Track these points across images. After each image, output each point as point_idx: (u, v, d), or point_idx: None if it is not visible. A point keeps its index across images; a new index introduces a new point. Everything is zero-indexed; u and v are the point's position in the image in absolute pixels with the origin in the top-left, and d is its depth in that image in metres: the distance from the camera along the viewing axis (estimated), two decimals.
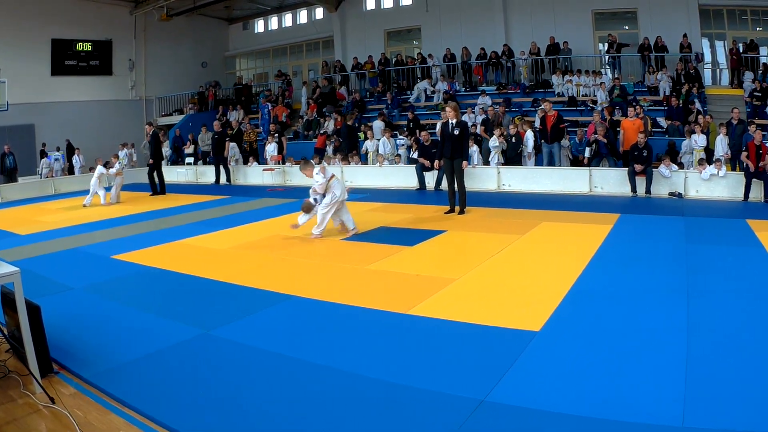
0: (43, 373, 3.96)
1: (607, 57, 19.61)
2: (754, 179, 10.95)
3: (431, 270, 6.58)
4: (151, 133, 16.03)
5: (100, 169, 14.30)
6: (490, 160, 14.50)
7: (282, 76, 25.14)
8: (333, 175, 8.59)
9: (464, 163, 10.08)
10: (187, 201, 13.89)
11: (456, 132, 9.89)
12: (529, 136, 14.11)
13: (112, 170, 14.63)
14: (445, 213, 10.20)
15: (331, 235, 8.71)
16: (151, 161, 15.79)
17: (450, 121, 10.00)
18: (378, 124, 17.79)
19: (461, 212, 10.08)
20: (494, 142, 14.33)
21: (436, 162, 10.52)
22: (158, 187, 15.70)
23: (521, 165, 14.13)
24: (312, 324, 4.98)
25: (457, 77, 21.27)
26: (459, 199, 10.15)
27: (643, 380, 3.61)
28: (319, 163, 17.25)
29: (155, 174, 15.68)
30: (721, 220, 9.25)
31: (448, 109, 10.22)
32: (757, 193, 11.01)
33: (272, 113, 22.14)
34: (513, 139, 14.16)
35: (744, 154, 11.10)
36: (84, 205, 13.62)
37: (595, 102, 16.71)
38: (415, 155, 14.73)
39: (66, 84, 22.41)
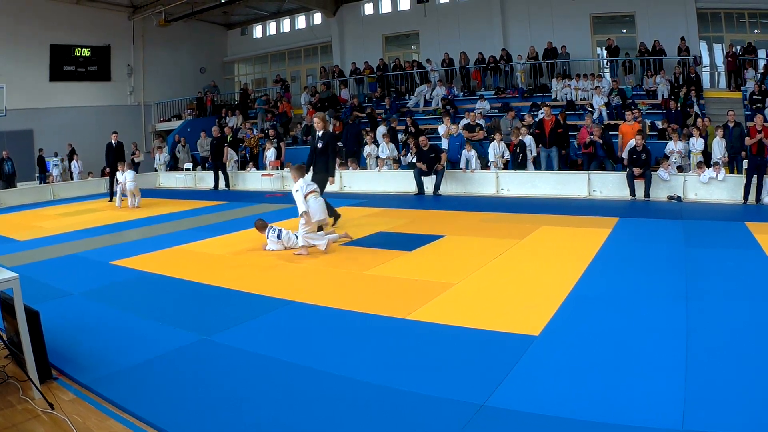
0: (42, 378, 3.95)
1: (605, 61, 19.67)
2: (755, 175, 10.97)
3: (430, 275, 6.57)
4: (108, 142, 16.14)
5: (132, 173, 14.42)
6: (489, 163, 14.52)
7: (280, 81, 25.16)
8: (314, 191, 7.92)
9: (330, 179, 9.27)
10: (186, 206, 13.88)
11: (320, 145, 9.24)
12: (528, 140, 14.11)
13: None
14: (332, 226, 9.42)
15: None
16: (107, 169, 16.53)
17: (317, 133, 9.35)
18: (381, 129, 17.79)
19: (334, 223, 9.42)
20: (495, 148, 14.33)
21: (330, 179, 9.39)
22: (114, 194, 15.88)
23: (525, 169, 14.14)
24: (311, 329, 4.97)
25: (455, 82, 21.29)
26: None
27: (643, 383, 3.61)
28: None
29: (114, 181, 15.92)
30: (719, 222, 9.26)
31: (316, 119, 9.44)
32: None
33: (279, 110, 22.44)
34: (518, 149, 14.09)
35: (747, 139, 11.12)
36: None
37: (593, 106, 16.73)
38: (413, 159, 14.74)
39: (64, 89, 22.44)
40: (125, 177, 14.23)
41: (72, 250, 8.97)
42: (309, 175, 8.00)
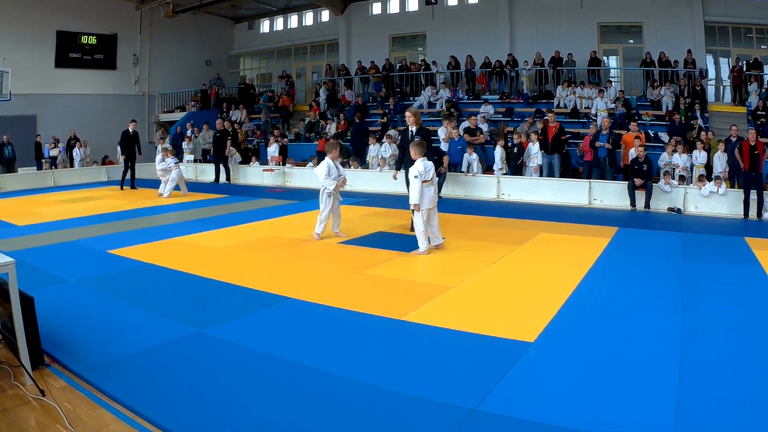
0: (35, 365, 3.94)
1: (612, 71, 19.69)
2: (753, 191, 10.97)
3: (427, 277, 6.57)
4: (125, 130, 16.22)
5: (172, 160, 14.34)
6: (494, 168, 14.51)
7: (285, 77, 25.16)
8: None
9: None
10: (186, 198, 13.87)
11: (417, 140, 8.86)
12: (535, 149, 14.12)
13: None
14: (411, 229, 8.79)
15: (328, 237, 8.70)
16: (122, 157, 16.43)
17: (410, 129, 9.12)
18: (393, 133, 17.72)
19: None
20: (501, 154, 14.34)
21: (395, 172, 9.45)
22: (128, 182, 16.04)
23: (522, 173, 14.16)
24: (306, 327, 4.96)
25: (460, 85, 21.28)
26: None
27: (636, 394, 3.61)
28: (316, 165, 17.36)
29: (128, 169, 16.06)
30: (719, 237, 9.25)
31: (408, 114, 9.15)
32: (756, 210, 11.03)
33: (279, 103, 22.59)
34: (515, 150, 14.15)
35: (738, 152, 11.12)
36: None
37: (596, 115, 16.67)
38: None
39: (69, 76, 22.39)
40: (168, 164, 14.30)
41: (70, 237, 8.96)
42: (425, 162, 7.64)
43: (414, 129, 9.15)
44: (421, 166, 7.54)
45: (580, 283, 6.19)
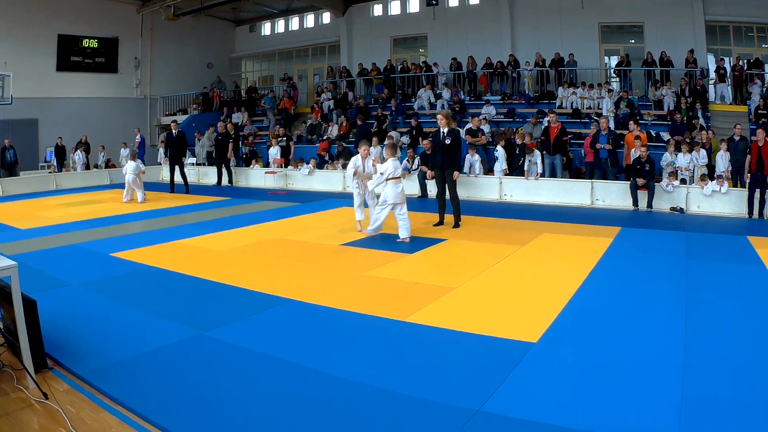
0: (37, 368, 3.94)
1: (612, 71, 19.66)
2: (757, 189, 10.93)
3: (430, 278, 6.57)
4: (168, 131, 16.22)
5: (134, 165, 13.86)
6: (494, 169, 14.48)
7: (287, 79, 25.17)
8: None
9: (455, 173, 9.69)
10: (188, 201, 13.89)
11: (448, 141, 9.48)
12: (536, 153, 14.09)
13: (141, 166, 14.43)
14: (434, 225, 9.79)
15: (331, 239, 8.70)
16: (165, 159, 16.50)
17: (441, 130, 9.56)
18: (395, 134, 17.72)
19: (456, 225, 9.66)
20: (502, 155, 14.33)
21: (429, 173, 10.28)
22: (181, 187, 16.01)
23: (523, 174, 14.13)
24: (308, 328, 4.96)
25: (462, 86, 21.26)
26: (453, 211, 9.77)
27: (639, 395, 3.60)
28: (319, 167, 17.39)
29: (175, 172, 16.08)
30: (721, 236, 9.23)
31: (440, 117, 9.76)
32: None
33: (280, 106, 22.62)
34: (517, 150, 14.12)
35: (747, 158, 11.07)
36: (124, 202, 13.71)
37: (599, 114, 16.65)
38: (413, 166, 14.73)
39: (71, 80, 22.45)
40: (126, 168, 14.02)
41: (72, 240, 8.96)
42: (394, 161, 8.89)
43: (445, 130, 9.57)
44: (390, 165, 8.73)
45: (583, 284, 6.18)
